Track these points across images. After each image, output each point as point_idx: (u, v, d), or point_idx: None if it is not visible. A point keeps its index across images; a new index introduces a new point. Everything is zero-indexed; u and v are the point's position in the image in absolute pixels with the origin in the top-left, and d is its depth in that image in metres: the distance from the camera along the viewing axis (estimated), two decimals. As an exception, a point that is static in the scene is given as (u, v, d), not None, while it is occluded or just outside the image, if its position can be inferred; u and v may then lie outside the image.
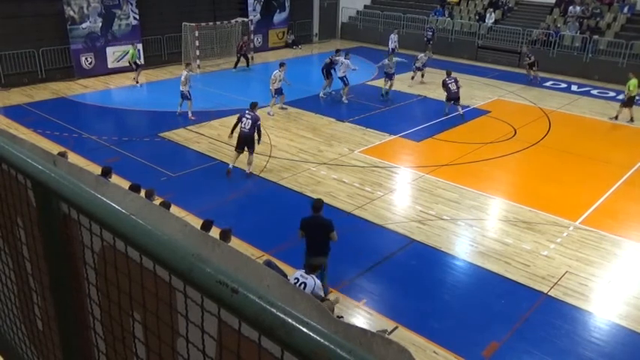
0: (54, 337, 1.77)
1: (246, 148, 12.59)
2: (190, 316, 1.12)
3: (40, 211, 1.56)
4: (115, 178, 11.00)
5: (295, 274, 7.24)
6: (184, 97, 16.59)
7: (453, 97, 17.46)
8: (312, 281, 7.06)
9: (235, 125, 12.61)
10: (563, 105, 19.55)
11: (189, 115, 16.75)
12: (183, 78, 16.35)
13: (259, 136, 12.51)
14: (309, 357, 0.83)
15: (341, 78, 18.95)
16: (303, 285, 6.96)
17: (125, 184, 9.04)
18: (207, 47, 24.46)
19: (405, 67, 23.44)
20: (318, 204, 8.17)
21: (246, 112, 12.61)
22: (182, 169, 12.99)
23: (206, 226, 8.16)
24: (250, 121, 12.40)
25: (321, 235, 7.96)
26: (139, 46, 22.08)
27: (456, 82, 17.54)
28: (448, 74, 17.90)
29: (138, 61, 20.95)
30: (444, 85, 17.68)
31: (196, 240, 1.17)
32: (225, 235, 7.76)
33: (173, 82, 21.41)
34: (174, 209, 10.62)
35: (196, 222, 9.96)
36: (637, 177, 13.51)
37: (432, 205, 11.60)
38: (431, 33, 26.76)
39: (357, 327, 0.91)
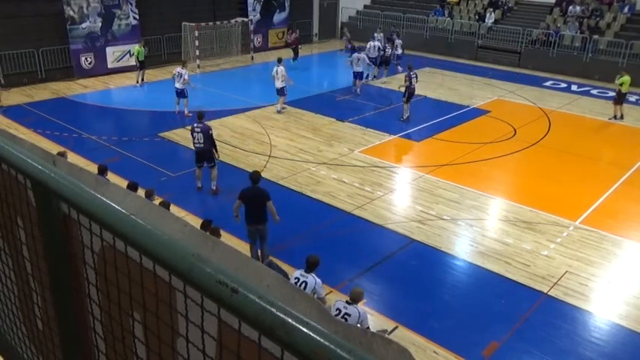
0: (54, 337, 1.77)
1: (205, 163, 11.55)
2: (190, 316, 1.12)
3: (40, 211, 1.56)
4: (114, 178, 11.02)
5: (295, 273, 7.21)
6: (182, 95, 16.58)
7: (412, 92, 16.96)
8: (313, 280, 7.02)
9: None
10: (563, 105, 19.55)
11: (186, 112, 16.71)
12: (186, 76, 16.33)
13: (215, 147, 11.45)
14: (309, 357, 0.83)
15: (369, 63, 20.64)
16: (303, 284, 6.92)
17: (125, 184, 9.05)
18: (207, 47, 24.46)
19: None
20: (254, 176, 8.91)
21: (195, 124, 11.29)
22: (182, 169, 12.99)
23: (205, 226, 8.17)
24: (202, 135, 11.17)
25: (259, 204, 8.69)
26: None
27: (417, 77, 17.34)
28: (410, 68, 17.21)
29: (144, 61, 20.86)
30: (409, 78, 16.84)
31: (196, 240, 1.17)
32: (214, 232, 7.82)
33: (173, 82, 21.42)
34: (174, 209, 10.62)
35: (196, 222, 9.96)
36: (637, 177, 13.51)
37: (432, 205, 11.60)
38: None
39: (357, 327, 0.91)
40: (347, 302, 6.64)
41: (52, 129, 15.50)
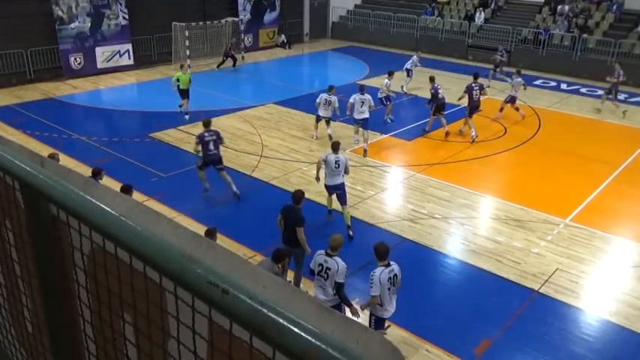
0: (44, 340, 1.75)
1: (212, 166, 11.29)
2: (181, 317, 1.12)
3: (29, 213, 1.54)
4: (105, 179, 10.94)
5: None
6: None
7: (474, 106, 15.45)
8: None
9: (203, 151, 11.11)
10: (552, 103, 19.68)
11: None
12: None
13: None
14: (300, 357, 0.82)
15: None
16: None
17: (115, 185, 8.99)
18: (197, 47, 24.35)
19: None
20: (295, 195, 8.48)
21: (205, 133, 11.07)
22: (173, 170, 12.93)
23: (210, 233, 7.82)
24: (215, 142, 11.09)
25: (291, 227, 8.27)
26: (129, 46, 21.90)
27: (481, 87, 15.61)
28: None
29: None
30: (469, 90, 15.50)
31: (187, 241, 1.16)
32: (210, 235, 7.64)
33: (163, 83, 21.32)
34: (165, 209, 10.58)
35: (187, 222, 9.94)
36: (626, 174, 13.62)
37: (423, 203, 11.63)
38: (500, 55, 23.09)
39: (357, 325, 0.91)
40: (327, 254, 6.91)
41: (42, 130, 15.37)
